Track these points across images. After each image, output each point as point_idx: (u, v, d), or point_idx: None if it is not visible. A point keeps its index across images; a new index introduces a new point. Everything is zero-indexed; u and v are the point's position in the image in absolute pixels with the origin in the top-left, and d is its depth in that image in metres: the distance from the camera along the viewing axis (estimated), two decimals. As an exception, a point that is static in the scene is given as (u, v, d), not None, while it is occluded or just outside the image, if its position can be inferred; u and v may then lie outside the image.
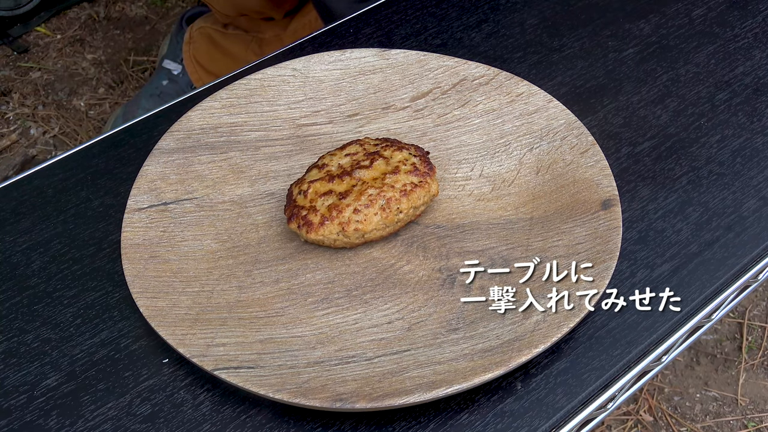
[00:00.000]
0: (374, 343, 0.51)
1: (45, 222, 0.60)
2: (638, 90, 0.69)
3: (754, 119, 0.67)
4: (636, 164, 0.63)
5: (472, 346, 0.49)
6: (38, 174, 0.64)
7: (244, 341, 0.50)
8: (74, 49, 1.50)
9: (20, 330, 0.54)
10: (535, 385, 0.51)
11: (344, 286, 0.54)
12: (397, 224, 0.56)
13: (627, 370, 0.52)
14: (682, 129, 0.66)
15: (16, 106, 1.40)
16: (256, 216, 0.59)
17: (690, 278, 0.56)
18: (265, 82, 0.67)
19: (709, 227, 0.59)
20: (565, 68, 0.71)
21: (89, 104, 1.40)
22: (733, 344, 1.13)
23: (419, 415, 0.49)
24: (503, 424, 0.49)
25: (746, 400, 1.07)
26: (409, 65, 0.68)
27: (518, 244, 0.56)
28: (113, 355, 0.52)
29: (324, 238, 0.55)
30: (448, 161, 0.62)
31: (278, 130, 0.64)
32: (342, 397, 0.46)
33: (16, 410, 0.50)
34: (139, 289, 0.52)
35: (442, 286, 0.54)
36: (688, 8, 0.77)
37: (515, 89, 0.65)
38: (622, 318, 0.54)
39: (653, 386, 1.07)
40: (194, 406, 0.50)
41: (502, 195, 0.59)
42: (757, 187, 0.62)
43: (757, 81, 0.70)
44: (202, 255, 0.55)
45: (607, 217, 0.55)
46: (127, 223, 0.56)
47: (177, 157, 0.61)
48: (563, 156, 0.60)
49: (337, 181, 0.56)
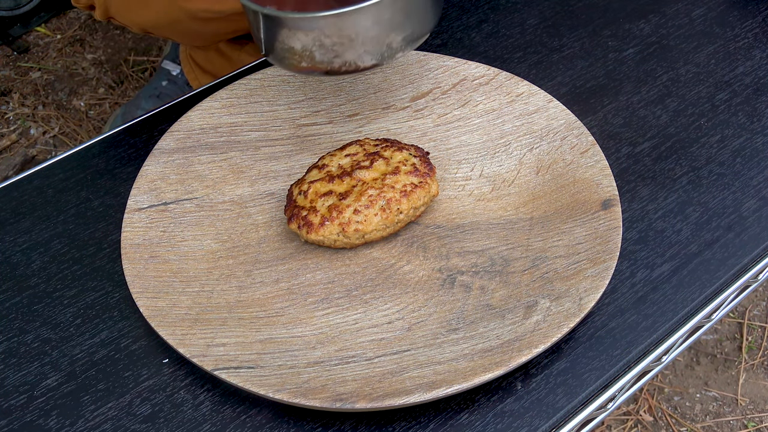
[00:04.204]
0: (374, 343, 0.51)
1: (45, 222, 0.60)
2: (638, 90, 0.69)
3: (754, 119, 0.67)
4: (636, 164, 0.63)
5: (472, 346, 0.49)
6: (38, 174, 0.64)
7: (244, 341, 0.50)
8: (74, 49, 1.50)
9: (20, 330, 0.54)
10: (535, 385, 0.51)
11: (344, 286, 0.54)
12: (398, 225, 0.56)
13: (627, 370, 0.52)
14: (682, 129, 0.66)
15: (16, 106, 1.40)
16: (256, 216, 0.59)
17: (690, 278, 0.56)
18: (265, 82, 0.67)
19: (709, 227, 0.59)
20: (565, 68, 0.71)
21: (89, 104, 1.40)
22: (733, 344, 1.13)
23: (419, 415, 0.49)
24: (503, 424, 0.49)
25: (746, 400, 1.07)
26: (409, 65, 0.68)
27: (518, 244, 0.56)
28: (113, 355, 0.52)
29: (324, 238, 0.55)
30: (448, 161, 0.62)
31: (278, 130, 0.64)
32: (342, 397, 0.46)
33: (16, 410, 0.50)
34: (139, 289, 0.52)
35: (442, 286, 0.54)
36: (688, 8, 0.77)
37: (515, 89, 0.65)
38: (622, 318, 0.54)
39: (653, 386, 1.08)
40: (194, 406, 0.50)
41: (502, 195, 0.59)
42: (757, 187, 0.62)
43: (757, 81, 0.70)
44: (202, 255, 0.55)
45: (607, 217, 0.55)
46: (127, 223, 0.56)
47: (177, 157, 0.61)
48: (563, 156, 0.60)
49: (338, 182, 0.56)
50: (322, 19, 0.52)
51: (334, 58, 0.54)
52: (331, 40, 0.53)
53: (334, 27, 0.52)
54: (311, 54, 0.54)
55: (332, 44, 0.53)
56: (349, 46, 0.53)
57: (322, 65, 0.54)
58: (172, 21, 0.79)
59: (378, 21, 0.53)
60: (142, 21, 0.81)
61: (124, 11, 0.80)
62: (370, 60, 0.55)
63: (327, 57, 0.54)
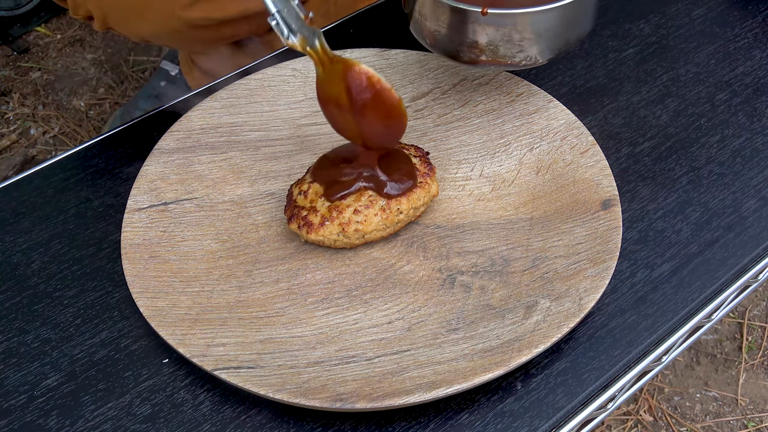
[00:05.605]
0: (374, 343, 0.51)
1: (45, 222, 0.60)
2: (638, 90, 0.69)
3: (754, 119, 0.67)
4: (636, 164, 0.63)
5: (472, 346, 0.49)
6: (38, 174, 0.64)
7: (244, 341, 0.50)
8: (74, 49, 1.50)
9: (20, 330, 0.54)
10: (535, 385, 0.51)
11: (344, 286, 0.54)
12: (397, 225, 0.56)
13: (627, 370, 0.52)
14: (682, 129, 0.66)
15: (16, 106, 1.40)
16: (256, 216, 0.59)
17: (690, 278, 0.56)
18: (265, 82, 0.67)
19: (709, 227, 0.59)
20: (565, 68, 0.71)
21: (89, 104, 1.40)
22: (733, 344, 1.13)
23: (419, 415, 0.49)
24: (503, 424, 0.49)
25: (746, 400, 1.07)
26: (409, 65, 0.68)
27: (518, 244, 0.56)
28: (113, 355, 0.52)
29: (324, 238, 0.55)
30: (448, 161, 0.62)
31: (278, 130, 0.64)
32: (342, 397, 0.46)
33: (16, 410, 0.50)
34: (139, 289, 0.52)
35: (442, 286, 0.54)
36: (688, 8, 0.77)
37: (515, 89, 0.65)
38: (622, 318, 0.54)
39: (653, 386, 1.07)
40: (194, 406, 0.50)
41: (502, 195, 0.59)
42: (757, 187, 0.62)
43: (757, 81, 0.70)
44: (202, 255, 0.55)
45: (607, 217, 0.55)
46: (127, 223, 0.56)
47: (177, 157, 0.61)
48: (563, 156, 0.60)
49: (337, 181, 0.56)
50: (520, 16, 0.53)
51: (518, 52, 0.55)
52: (520, 35, 0.54)
53: (527, 23, 0.54)
54: (495, 48, 0.55)
55: (520, 39, 0.54)
56: (535, 41, 0.55)
57: (503, 59, 0.56)
58: (171, 31, 0.79)
59: (566, 19, 0.55)
60: (140, 32, 0.81)
61: (122, 22, 0.80)
62: (549, 54, 0.56)
63: (511, 51, 0.55)
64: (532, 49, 0.55)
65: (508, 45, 0.55)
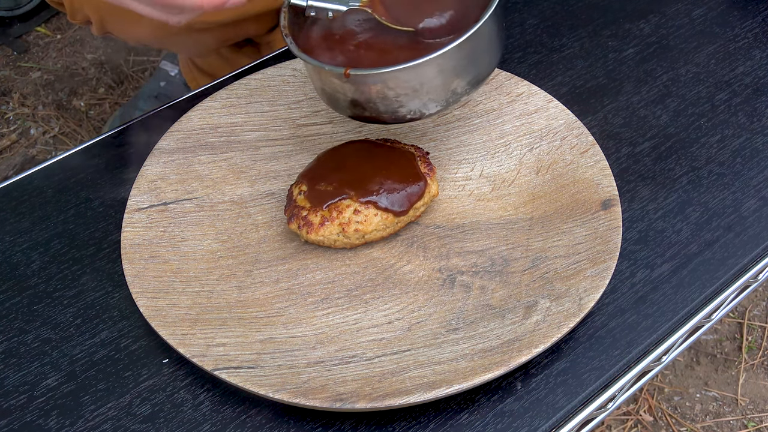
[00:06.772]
0: (374, 343, 0.51)
1: (45, 222, 0.60)
2: (638, 90, 0.69)
3: (754, 119, 0.67)
4: (636, 164, 0.63)
5: (472, 346, 0.49)
6: (38, 174, 0.64)
7: (244, 341, 0.50)
8: (74, 49, 1.50)
9: (20, 330, 0.54)
10: (535, 385, 0.51)
11: (344, 286, 0.54)
12: (397, 225, 0.56)
13: (627, 370, 0.52)
14: (682, 129, 0.66)
15: (16, 106, 1.40)
16: (256, 216, 0.59)
17: (690, 278, 0.56)
18: (265, 82, 0.67)
19: (709, 227, 0.59)
20: (565, 68, 0.71)
21: (89, 104, 1.40)
22: (733, 344, 1.13)
23: (419, 415, 0.49)
24: (503, 424, 0.49)
25: (746, 400, 1.07)
26: (409, 65, 0.67)
27: (518, 244, 0.56)
28: (113, 355, 0.52)
29: (324, 238, 0.55)
30: (448, 161, 0.62)
31: (278, 130, 0.64)
32: (342, 397, 0.46)
33: (16, 410, 0.50)
34: (139, 289, 0.52)
35: (442, 286, 0.54)
36: (688, 8, 0.77)
37: (515, 89, 0.65)
38: (622, 318, 0.54)
39: (653, 386, 1.07)
40: (194, 406, 0.50)
41: (502, 195, 0.59)
42: (757, 187, 0.62)
43: (757, 81, 0.70)
44: (202, 255, 0.55)
45: (607, 217, 0.55)
46: (127, 223, 0.56)
47: (177, 157, 0.61)
48: (563, 156, 0.60)
49: (337, 181, 0.56)
50: (387, 74, 0.51)
51: (399, 107, 0.53)
52: (395, 92, 0.52)
53: (399, 80, 0.52)
54: (374, 105, 0.53)
55: (396, 96, 0.52)
56: (414, 96, 0.53)
57: (387, 115, 0.54)
58: (169, 34, 0.78)
59: (442, 70, 0.52)
60: (138, 35, 0.81)
61: (119, 27, 0.79)
62: (435, 107, 0.54)
63: (392, 107, 0.53)
64: (413, 104, 0.53)
65: (386, 102, 0.53)
